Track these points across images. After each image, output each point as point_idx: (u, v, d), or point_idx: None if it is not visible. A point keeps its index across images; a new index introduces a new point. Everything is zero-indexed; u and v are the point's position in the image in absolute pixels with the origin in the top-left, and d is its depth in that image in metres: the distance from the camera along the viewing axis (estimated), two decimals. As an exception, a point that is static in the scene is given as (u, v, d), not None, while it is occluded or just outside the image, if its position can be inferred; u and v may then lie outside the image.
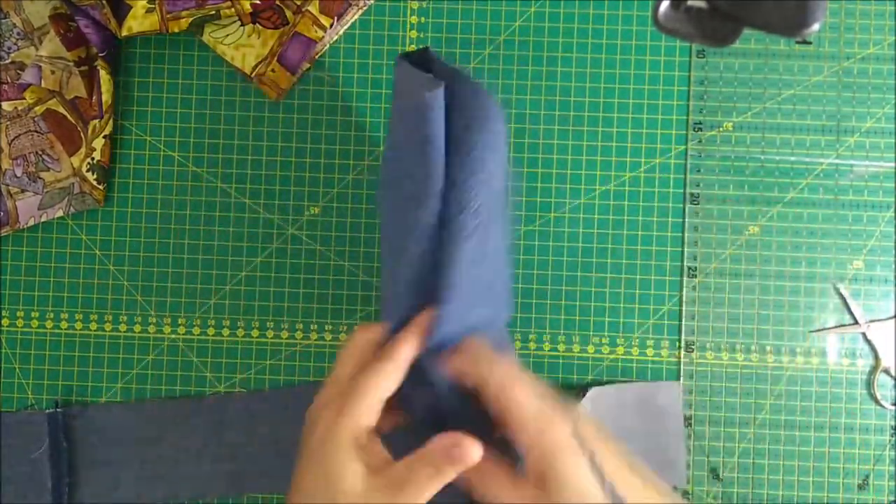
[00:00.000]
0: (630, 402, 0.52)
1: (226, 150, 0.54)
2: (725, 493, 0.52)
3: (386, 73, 0.54)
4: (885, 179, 0.53)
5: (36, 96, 0.53)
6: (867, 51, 0.53)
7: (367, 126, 0.54)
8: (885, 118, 0.53)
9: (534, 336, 0.53)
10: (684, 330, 0.53)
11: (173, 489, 0.52)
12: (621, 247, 0.53)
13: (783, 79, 0.53)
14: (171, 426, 0.53)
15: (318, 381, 0.53)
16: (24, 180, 0.53)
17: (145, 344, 0.54)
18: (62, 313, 0.54)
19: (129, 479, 0.52)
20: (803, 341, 0.53)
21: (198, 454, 0.52)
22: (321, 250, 0.54)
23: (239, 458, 0.52)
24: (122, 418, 0.53)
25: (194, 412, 0.53)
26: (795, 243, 0.53)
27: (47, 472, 0.52)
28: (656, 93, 0.54)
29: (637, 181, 0.53)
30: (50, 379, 0.54)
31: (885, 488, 0.52)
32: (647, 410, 0.52)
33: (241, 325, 0.54)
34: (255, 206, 0.54)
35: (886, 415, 0.52)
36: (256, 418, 0.53)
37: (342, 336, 0.54)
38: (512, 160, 0.54)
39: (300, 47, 0.52)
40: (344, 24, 0.54)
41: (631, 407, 0.52)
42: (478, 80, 0.50)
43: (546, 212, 0.53)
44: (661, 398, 0.52)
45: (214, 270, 0.54)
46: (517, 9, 0.54)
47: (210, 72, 0.54)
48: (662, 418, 0.52)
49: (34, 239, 0.54)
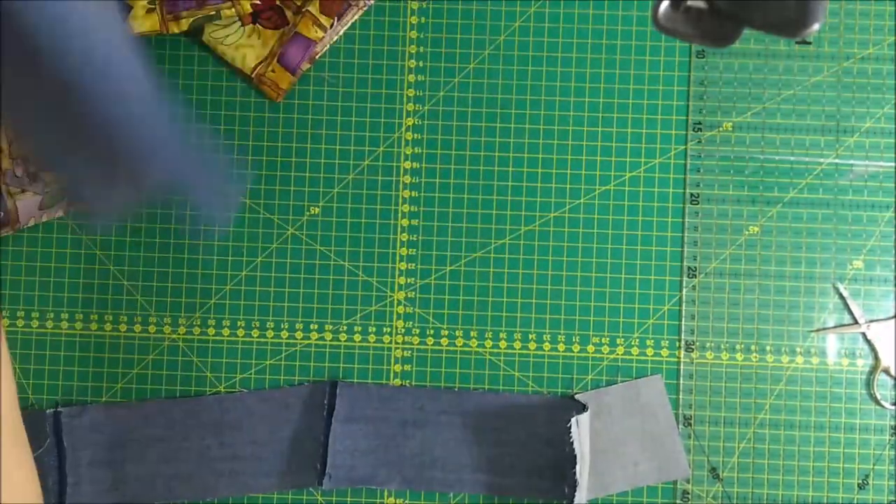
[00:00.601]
0: (615, 403, 0.52)
1: (226, 151, 0.54)
2: (725, 492, 0.52)
3: (386, 73, 0.54)
4: (885, 179, 0.53)
5: (36, 96, 0.53)
6: (867, 51, 0.53)
7: (367, 126, 0.54)
8: (885, 118, 0.53)
9: (534, 336, 0.53)
10: (684, 330, 0.53)
11: (174, 489, 0.52)
12: (621, 247, 0.53)
13: (783, 79, 0.53)
14: (171, 426, 0.53)
15: (318, 381, 0.53)
16: (25, 180, 0.53)
17: (145, 344, 0.54)
18: (62, 313, 0.54)
19: (130, 480, 0.52)
20: (803, 341, 0.53)
21: (198, 454, 0.52)
22: (321, 250, 0.54)
23: (239, 458, 0.52)
24: (122, 418, 0.53)
25: (194, 412, 0.53)
26: (795, 243, 0.53)
27: (48, 471, 0.52)
28: (656, 93, 0.54)
29: (637, 181, 0.53)
30: (50, 379, 0.54)
31: (884, 488, 0.52)
32: (634, 409, 0.52)
33: (241, 325, 0.54)
34: (255, 206, 0.54)
35: (886, 415, 0.52)
36: (256, 418, 0.53)
37: (342, 336, 0.54)
38: (512, 161, 0.54)
39: (300, 47, 0.52)
40: (344, 24, 0.54)
41: (617, 409, 0.52)
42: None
43: (546, 212, 0.53)
44: (645, 395, 0.52)
45: (214, 270, 0.54)
46: (517, 9, 0.54)
47: (210, 72, 0.54)
48: (652, 414, 0.52)
49: (34, 239, 0.54)
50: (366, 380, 0.53)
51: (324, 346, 0.54)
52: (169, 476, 0.52)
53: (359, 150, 0.54)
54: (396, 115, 0.54)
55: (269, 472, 0.52)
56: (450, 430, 0.52)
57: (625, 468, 0.52)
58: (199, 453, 0.52)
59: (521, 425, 0.52)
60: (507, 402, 0.52)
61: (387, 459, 0.52)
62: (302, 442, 0.52)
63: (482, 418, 0.52)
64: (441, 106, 0.54)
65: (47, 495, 0.52)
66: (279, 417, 0.53)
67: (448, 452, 0.52)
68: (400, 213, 0.54)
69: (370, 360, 0.53)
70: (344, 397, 0.52)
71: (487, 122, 0.54)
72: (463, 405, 0.52)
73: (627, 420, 0.52)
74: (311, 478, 0.52)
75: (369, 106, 0.54)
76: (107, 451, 0.53)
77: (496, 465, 0.52)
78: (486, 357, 0.53)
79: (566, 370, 0.53)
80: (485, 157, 0.54)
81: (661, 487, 0.52)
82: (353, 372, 0.53)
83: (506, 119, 0.54)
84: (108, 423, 0.53)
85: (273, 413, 0.53)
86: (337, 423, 0.52)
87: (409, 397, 0.52)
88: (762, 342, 0.53)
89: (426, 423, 0.52)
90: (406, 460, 0.52)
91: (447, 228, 0.54)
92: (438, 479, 0.52)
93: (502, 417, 0.52)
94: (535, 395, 0.53)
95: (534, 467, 0.52)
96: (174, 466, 0.52)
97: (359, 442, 0.52)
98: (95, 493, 0.52)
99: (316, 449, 0.52)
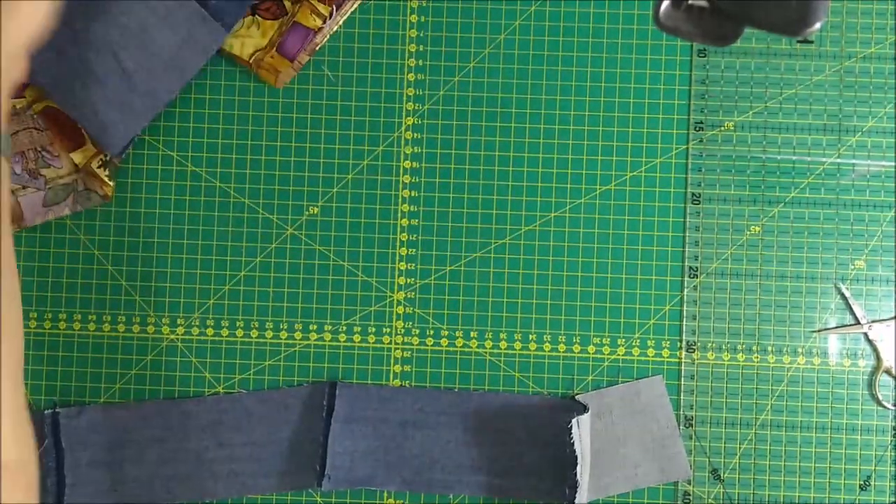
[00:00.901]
0: (615, 404, 0.52)
1: (225, 150, 0.54)
2: (727, 493, 0.52)
3: (386, 72, 0.54)
4: (887, 179, 0.53)
5: (35, 94, 0.53)
6: (869, 50, 0.53)
7: (367, 125, 0.54)
8: (887, 117, 0.53)
9: (534, 336, 0.53)
10: (685, 330, 0.53)
11: (173, 490, 0.52)
12: (622, 247, 0.53)
13: (784, 78, 0.53)
14: (169, 427, 0.52)
15: (317, 382, 0.53)
16: (25, 177, 0.53)
17: (144, 344, 0.54)
18: (60, 313, 0.54)
19: (128, 481, 0.52)
20: (804, 341, 0.52)
21: (197, 455, 0.52)
22: (320, 250, 0.54)
23: (239, 458, 0.52)
24: (121, 419, 0.53)
25: (194, 413, 0.53)
26: (797, 243, 0.53)
27: (47, 472, 0.52)
28: (657, 92, 0.53)
29: (638, 181, 0.53)
30: (49, 379, 0.54)
31: (886, 489, 0.52)
32: (634, 410, 0.52)
33: (241, 325, 0.54)
34: (254, 206, 0.54)
35: (888, 415, 0.52)
36: (255, 419, 0.52)
37: (342, 336, 0.53)
38: (512, 160, 0.54)
39: (299, 36, 0.52)
40: (343, 13, 0.53)
41: (618, 410, 0.52)
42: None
43: (546, 212, 0.53)
44: (645, 396, 0.52)
45: (214, 270, 0.54)
46: (517, 8, 0.54)
47: (210, 71, 0.54)
48: (653, 415, 0.52)
49: (34, 239, 0.54)
50: (365, 380, 0.53)
51: (323, 347, 0.53)
52: (167, 477, 0.52)
53: (358, 149, 0.54)
54: (396, 114, 0.54)
55: (268, 472, 0.52)
56: (450, 430, 0.52)
57: (625, 469, 0.51)
58: (198, 454, 0.52)
59: (522, 426, 0.52)
60: (508, 403, 0.52)
61: (386, 461, 0.52)
62: (301, 443, 0.52)
63: (482, 419, 0.52)
64: (441, 105, 0.54)
65: (46, 496, 0.52)
66: (278, 418, 0.52)
67: (448, 453, 0.52)
68: (400, 213, 0.54)
69: (370, 360, 0.53)
70: (343, 398, 0.52)
71: (487, 122, 0.54)
72: (463, 406, 0.52)
73: (628, 421, 0.52)
74: (310, 479, 0.52)
75: (369, 105, 0.54)
76: (105, 452, 0.52)
77: (496, 465, 0.52)
78: (486, 357, 0.53)
79: (566, 371, 0.53)
80: (485, 156, 0.54)
81: (662, 489, 0.52)
82: (352, 372, 0.53)
83: (506, 119, 0.54)
84: (106, 424, 0.53)
85: (272, 414, 0.52)
86: (336, 423, 0.51)
87: (408, 398, 0.52)
88: (763, 342, 0.53)
89: (426, 423, 0.52)
90: (406, 461, 0.52)
91: (447, 228, 0.53)
92: (438, 480, 0.52)
93: (502, 418, 0.52)
94: (535, 395, 0.52)
95: (534, 468, 0.51)
96: (173, 467, 0.52)
97: (358, 443, 0.52)
98: (94, 493, 0.52)
99: (315, 450, 0.52)
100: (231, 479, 0.52)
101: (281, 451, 0.52)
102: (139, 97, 0.50)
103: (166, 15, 0.49)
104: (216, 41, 0.51)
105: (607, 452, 0.51)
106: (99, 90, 0.50)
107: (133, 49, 0.49)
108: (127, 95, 0.50)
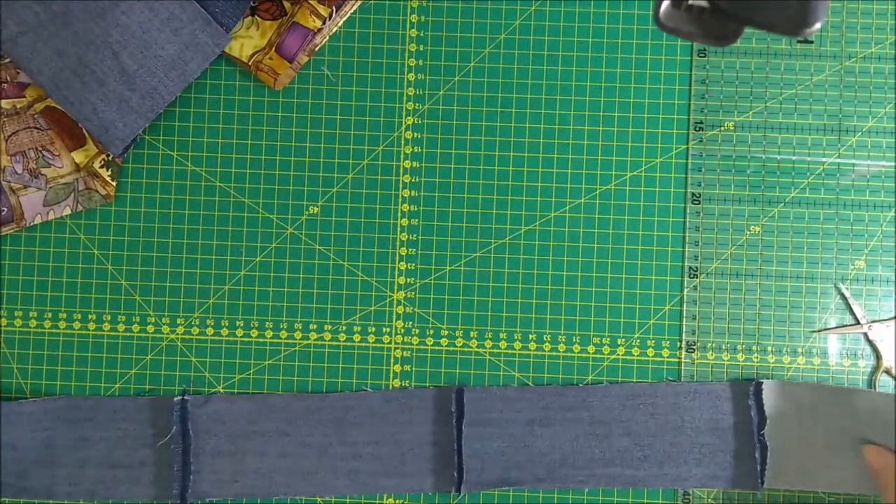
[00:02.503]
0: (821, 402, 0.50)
1: (225, 150, 0.54)
2: (727, 493, 0.52)
3: (386, 72, 0.54)
4: (887, 179, 0.53)
5: (36, 94, 0.53)
6: (869, 50, 0.53)
7: (367, 125, 0.54)
8: (887, 118, 0.53)
9: (534, 336, 0.53)
10: (685, 330, 0.53)
11: (293, 484, 0.52)
12: (622, 247, 0.53)
13: (784, 78, 0.53)
14: (294, 421, 0.52)
15: (439, 387, 0.53)
16: (26, 177, 0.53)
17: (144, 344, 0.54)
18: (61, 313, 0.54)
19: (250, 472, 0.52)
20: (805, 341, 0.52)
21: (319, 451, 0.52)
22: (320, 250, 0.54)
23: (360, 457, 0.52)
24: (246, 410, 0.52)
25: (318, 408, 0.52)
26: (797, 243, 0.53)
27: (173, 458, 0.52)
28: (657, 92, 0.53)
29: (638, 181, 0.53)
30: (49, 379, 0.54)
31: (886, 489, 0.52)
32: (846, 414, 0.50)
33: (241, 325, 0.54)
34: (254, 206, 0.54)
35: (888, 415, 0.52)
36: (380, 417, 0.52)
37: (342, 336, 0.53)
38: (512, 160, 0.54)
39: (298, 37, 0.52)
40: (343, 14, 0.53)
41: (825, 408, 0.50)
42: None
43: (546, 212, 0.53)
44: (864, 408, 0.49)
45: (214, 270, 0.54)
46: (517, 8, 0.54)
47: (209, 71, 0.54)
48: (870, 427, 0.49)
49: (34, 239, 0.54)
50: (365, 380, 0.53)
51: (323, 347, 0.53)
52: (288, 471, 0.52)
53: (358, 149, 0.54)
54: (396, 114, 0.54)
55: (389, 472, 0.52)
56: (577, 425, 0.52)
57: (832, 470, 0.50)
58: (320, 450, 0.52)
59: (648, 415, 0.52)
60: (632, 393, 0.52)
61: (516, 460, 0.52)
62: (423, 445, 0.52)
63: (608, 411, 0.52)
64: (441, 105, 0.54)
65: (172, 481, 0.52)
66: (401, 419, 0.52)
67: (577, 449, 0.52)
68: (400, 212, 0.54)
69: (370, 360, 0.53)
70: (471, 402, 0.52)
71: (487, 122, 0.54)
72: (587, 400, 0.52)
73: (839, 423, 0.50)
74: (426, 482, 0.52)
75: (369, 105, 0.54)
76: (229, 443, 0.52)
77: (626, 457, 0.52)
78: (486, 357, 0.53)
79: (566, 371, 0.53)
80: (485, 156, 0.54)
81: (662, 490, 0.52)
82: (352, 372, 0.53)
83: (506, 118, 0.54)
84: (231, 415, 0.52)
85: (395, 414, 0.52)
86: (465, 427, 0.51)
87: (533, 396, 0.52)
88: (763, 342, 0.53)
89: (553, 420, 0.52)
90: (536, 460, 0.52)
91: (447, 228, 0.53)
92: (570, 476, 0.51)
93: (628, 409, 0.52)
94: (658, 382, 0.52)
95: (666, 457, 0.51)
96: (294, 462, 0.52)
97: (487, 444, 0.52)
98: (215, 483, 0.52)
99: (436, 453, 0.52)
100: (352, 476, 0.52)
101: (402, 453, 0.52)
102: (139, 97, 0.50)
103: (169, 17, 0.49)
104: (219, 46, 0.51)
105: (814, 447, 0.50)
106: (99, 90, 0.50)
107: (134, 49, 0.49)
108: (127, 95, 0.50)
